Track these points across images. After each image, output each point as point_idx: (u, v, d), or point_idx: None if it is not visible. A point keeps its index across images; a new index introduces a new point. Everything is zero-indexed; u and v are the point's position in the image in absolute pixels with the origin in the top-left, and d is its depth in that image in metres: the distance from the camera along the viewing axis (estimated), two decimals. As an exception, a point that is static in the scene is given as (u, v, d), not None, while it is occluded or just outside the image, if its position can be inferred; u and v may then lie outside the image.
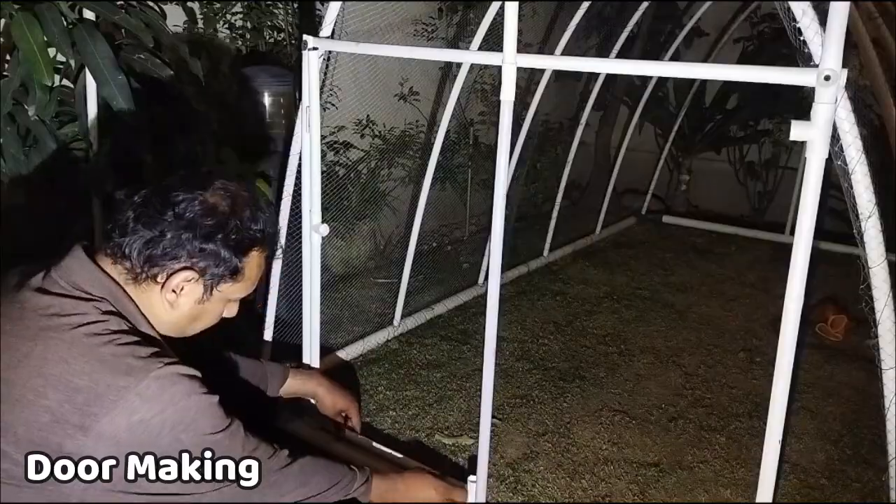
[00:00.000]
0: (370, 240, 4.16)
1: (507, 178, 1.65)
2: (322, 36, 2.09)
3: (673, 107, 5.46)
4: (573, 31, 3.53)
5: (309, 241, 2.17)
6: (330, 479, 1.41)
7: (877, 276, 1.54)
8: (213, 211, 1.15)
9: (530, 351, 3.19)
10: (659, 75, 4.29)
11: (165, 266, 1.14)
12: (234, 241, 1.17)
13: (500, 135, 1.58)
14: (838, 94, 1.27)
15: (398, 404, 2.70)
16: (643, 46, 4.98)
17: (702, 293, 3.94)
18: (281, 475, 1.29)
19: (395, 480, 1.67)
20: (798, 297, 1.35)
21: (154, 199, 1.13)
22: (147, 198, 1.14)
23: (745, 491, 2.27)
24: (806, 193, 1.31)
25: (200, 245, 1.14)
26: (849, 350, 3.22)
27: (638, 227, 5.22)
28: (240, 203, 1.19)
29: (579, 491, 2.26)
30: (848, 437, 2.58)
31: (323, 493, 1.39)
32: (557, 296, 3.85)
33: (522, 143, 3.78)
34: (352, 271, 3.98)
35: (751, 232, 4.95)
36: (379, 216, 4.06)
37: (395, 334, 3.26)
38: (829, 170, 1.34)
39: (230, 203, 1.18)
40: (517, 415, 2.66)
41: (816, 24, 1.34)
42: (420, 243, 3.37)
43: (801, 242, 1.33)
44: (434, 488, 1.73)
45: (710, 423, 2.66)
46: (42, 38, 1.91)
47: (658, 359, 3.15)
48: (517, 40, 1.57)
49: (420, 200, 3.15)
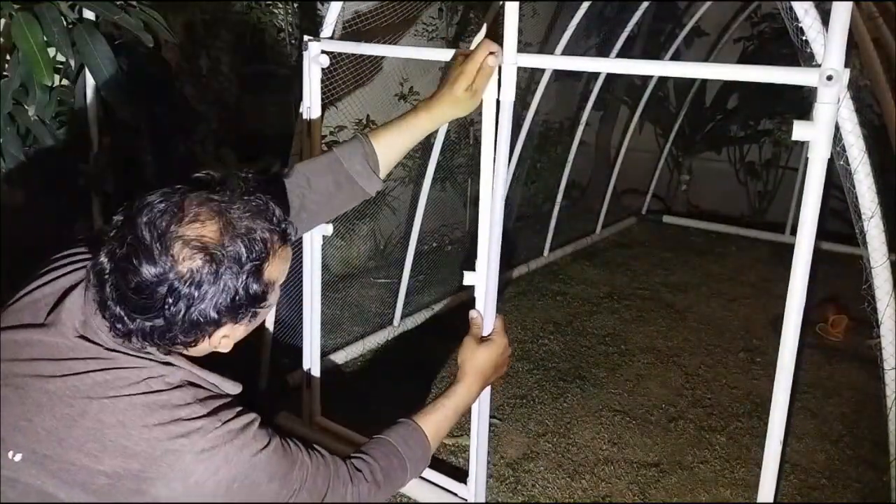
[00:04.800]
0: (370, 240, 4.15)
1: (506, 177, 1.65)
2: (323, 36, 2.09)
3: (673, 107, 5.46)
4: (573, 31, 3.53)
5: (310, 242, 2.17)
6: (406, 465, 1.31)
7: (879, 276, 1.54)
8: (198, 281, 0.98)
9: (530, 351, 3.19)
10: (659, 75, 4.30)
11: (196, 338, 1.03)
12: (246, 279, 1.01)
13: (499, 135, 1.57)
14: (841, 94, 1.26)
15: (398, 404, 2.70)
16: (643, 46, 4.98)
17: (702, 293, 3.94)
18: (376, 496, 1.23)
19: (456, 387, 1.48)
20: (799, 297, 1.35)
21: (126, 289, 0.97)
22: (120, 288, 0.97)
23: (745, 491, 2.27)
24: (808, 194, 1.30)
25: (213, 316, 1.01)
26: (849, 350, 3.22)
27: (638, 227, 5.22)
28: (216, 253, 0.98)
29: (579, 491, 2.26)
30: (848, 437, 2.58)
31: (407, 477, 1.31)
32: (557, 296, 3.85)
33: (522, 143, 3.79)
34: (352, 271, 3.98)
35: (751, 232, 4.95)
36: (379, 216, 4.06)
37: (395, 334, 3.25)
38: (831, 170, 1.33)
39: (207, 259, 0.98)
40: (517, 415, 2.66)
41: (819, 24, 1.34)
42: (420, 243, 3.37)
43: (803, 242, 1.32)
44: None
45: (710, 423, 2.66)
46: (42, 38, 1.91)
47: (658, 359, 3.15)
48: (517, 40, 1.57)
49: (420, 200, 3.14)
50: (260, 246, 1.02)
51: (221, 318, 1.02)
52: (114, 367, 1.01)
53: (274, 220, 1.06)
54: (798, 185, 4.48)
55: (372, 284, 3.87)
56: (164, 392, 1.00)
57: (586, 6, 3.47)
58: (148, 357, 1.03)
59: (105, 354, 1.02)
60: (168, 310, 0.98)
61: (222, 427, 1.01)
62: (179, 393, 1.01)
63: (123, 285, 0.97)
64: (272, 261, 1.06)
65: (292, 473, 1.09)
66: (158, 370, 1.02)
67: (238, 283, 1.01)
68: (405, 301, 3.28)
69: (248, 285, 1.02)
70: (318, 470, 1.14)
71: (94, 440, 0.97)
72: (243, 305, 1.03)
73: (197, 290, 0.98)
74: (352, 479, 1.19)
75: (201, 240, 0.98)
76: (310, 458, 1.13)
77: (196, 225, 0.98)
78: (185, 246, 0.97)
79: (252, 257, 1.01)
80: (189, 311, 0.99)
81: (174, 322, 0.99)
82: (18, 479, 0.98)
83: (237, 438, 1.02)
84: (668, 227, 5.21)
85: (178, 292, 0.97)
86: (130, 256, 0.96)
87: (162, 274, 0.96)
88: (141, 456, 0.97)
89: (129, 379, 1.00)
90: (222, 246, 0.99)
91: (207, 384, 1.07)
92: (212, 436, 1.00)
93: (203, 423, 1.00)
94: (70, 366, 1.01)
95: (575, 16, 3.49)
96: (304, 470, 1.11)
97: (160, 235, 0.97)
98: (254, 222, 1.02)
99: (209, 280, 0.98)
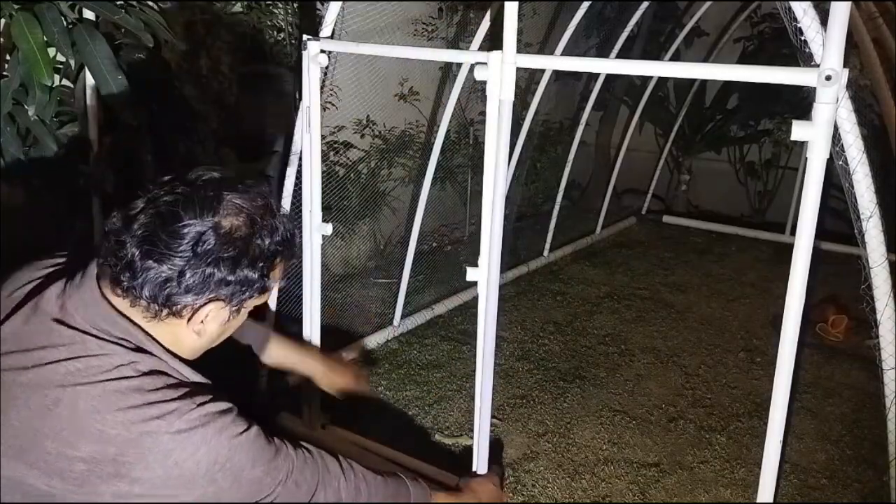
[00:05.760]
0: (370, 240, 4.15)
1: (505, 177, 1.65)
2: (322, 36, 2.09)
3: (673, 107, 5.46)
4: (573, 31, 3.53)
5: (309, 241, 2.17)
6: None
7: (878, 276, 1.54)
8: (232, 238, 1.04)
9: (530, 351, 3.19)
10: (659, 75, 4.30)
11: (189, 303, 1.05)
12: (259, 263, 1.08)
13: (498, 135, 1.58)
14: (839, 94, 1.26)
15: (398, 404, 2.70)
16: (643, 46, 4.98)
17: (702, 293, 3.94)
18: None
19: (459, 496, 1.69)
20: (799, 297, 1.35)
21: (160, 230, 1.01)
22: (151, 229, 1.01)
23: (745, 491, 2.27)
24: (807, 193, 1.30)
25: (226, 277, 1.05)
26: (849, 350, 3.22)
27: (638, 227, 5.22)
28: (256, 219, 1.07)
29: (579, 491, 2.26)
30: (848, 437, 2.58)
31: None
32: (557, 296, 3.85)
33: (522, 143, 3.79)
34: (352, 271, 3.98)
35: (751, 232, 4.95)
36: (379, 216, 4.06)
37: (395, 334, 3.25)
38: (830, 170, 1.34)
39: (247, 222, 1.06)
40: (517, 415, 2.66)
41: (817, 24, 1.34)
42: (420, 243, 3.37)
43: (803, 242, 1.32)
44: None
45: (710, 423, 2.66)
46: (42, 38, 1.91)
47: (658, 359, 3.15)
48: (517, 40, 1.57)
49: (420, 200, 3.14)
50: (279, 239, 1.10)
51: (226, 284, 1.05)
52: (85, 354, 1.02)
53: (291, 234, 1.15)
54: (798, 185, 4.48)
55: (372, 284, 3.87)
56: (135, 378, 1.02)
57: (586, 6, 3.47)
58: (119, 343, 1.04)
59: (77, 338, 1.03)
60: (191, 251, 1.01)
61: (198, 409, 1.02)
62: (150, 379, 1.03)
63: (158, 226, 1.01)
64: (279, 264, 1.13)
65: (277, 461, 1.10)
66: (129, 357, 1.03)
67: (257, 260, 1.07)
68: (405, 301, 3.28)
69: (260, 272, 1.08)
70: (305, 463, 1.15)
71: (70, 428, 0.98)
72: (249, 284, 1.07)
73: (225, 247, 1.04)
74: (344, 473, 1.21)
75: (248, 209, 1.07)
76: (295, 452, 1.15)
77: (247, 196, 1.08)
78: (234, 207, 1.06)
79: (275, 245, 1.09)
80: (208, 261, 1.02)
81: (186, 269, 1.02)
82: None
83: (215, 421, 1.03)
84: (668, 227, 5.21)
85: (209, 241, 1.02)
86: (178, 202, 1.03)
87: (204, 222, 1.02)
88: (117, 440, 0.98)
89: (101, 367, 1.01)
90: (263, 216, 1.08)
91: (178, 374, 1.08)
92: (187, 417, 1.01)
93: (178, 404, 1.01)
94: (41, 355, 1.02)
95: (575, 16, 3.49)
96: (289, 461, 1.12)
97: (215, 193, 1.05)
98: (283, 224, 1.13)
99: (239, 246, 1.05)
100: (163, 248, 1.01)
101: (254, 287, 1.09)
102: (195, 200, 1.03)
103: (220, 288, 1.05)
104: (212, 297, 1.06)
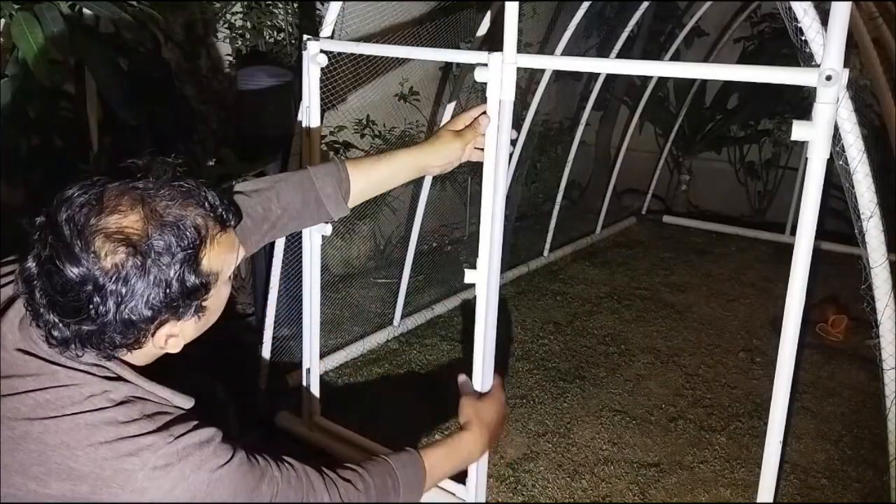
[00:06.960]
0: (370, 240, 4.15)
1: (505, 177, 1.65)
2: (322, 36, 2.09)
3: (673, 107, 5.46)
4: (573, 31, 3.53)
5: (309, 241, 2.17)
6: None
7: (878, 276, 1.54)
8: (124, 277, 0.91)
9: (530, 351, 3.19)
10: (659, 75, 4.30)
11: (135, 337, 0.96)
12: (180, 270, 0.94)
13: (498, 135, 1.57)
14: (840, 94, 1.26)
15: (398, 405, 2.70)
16: (643, 46, 4.98)
17: (702, 293, 3.94)
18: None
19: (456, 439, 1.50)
20: (799, 297, 1.35)
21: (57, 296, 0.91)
22: (50, 295, 0.91)
23: (745, 491, 2.27)
24: (807, 193, 1.30)
25: (154, 303, 0.93)
26: (849, 350, 3.22)
27: (638, 227, 5.22)
28: (153, 224, 0.92)
29: (579, 491, 2.26)
30: (848, 437, 2.58)
31: None
32: (557, 296, 3.85)
33: (522, 143, 3.79)
34: (352, 271, 3.98)
35: (751, 232, 4.95)
36: (379, 216, 4.06)
37: (395, 334, 3.25)
38: (830, 170, 1.34)
39: (129, 251, 0.90)
40: (517, 415, 2.66)
41: (818, 24, 1.34)
42: (420, 243, 3.37)
43: (803, 242, 1.32)
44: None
45: (710, 423, 2.66)
46: (42, 38, 1.91)
47: (658, 359, 3.15)
48: (517, 40, 1.57)
49: (420, 200, 3.14)
50: (192, 233, 0.95)
51: (157, 314, 0.95)
52: (54, 385, 0.94)
53: (207, 205, 0.98)
54: (798, 185, 4.48)
55: (372, 284, 3.87)
56: (109, 409, 0.94)
57: (586, 6, 3.47)
58: (89, 372, 0.96)
59: (45, 369, 0.95)
60: (98, 310, 0.91)
61: (175, 442, 0.95)
62: (125, 409, 0.95)
63: (50, 289, 0.91)
64: (210, 249, 0.98)
65: (260, 488, 1.02)
66: (101, 386, 0.96)
67: (171, 276, 0.93)
68: (405, 301, 3.28)
69: (184, 277, 0.95)
70: (289, 484, 1.06)
71: (39, 463, 0.92)
72: (180, 299, 0.96)
73: (125, 287, 0.91)
74: (328, 489, 1.12)
75: (124, 231, 0.91)
76: (279, 472, 1.05)
77: (116, 216, 0.92)
78: (108, 240, 0.90)
79: (184, 246, 0.94)
80: (120, 309, 0.92)
81: (106, 323, 0.92)
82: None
83: (193, 455, 0.96)
84: (668, 227, 5.21)
85: (105, 290, 0.90)
86: (53, 257, 0.90)
87: (86, 272, 0.89)
88: (89, 477, 0.92)
89: (72, 398, 0.94)
90: (147, 236, 0.92)
91: (156, 398, 1.00)
92: (163, 452, 0.94)
93: (153, 439, 0.94)
94: (9, 384, 0.95)
95: (575, 16, 3.49)
96: (273, 485, 1.04)
97: (80, 231, 0.90)
98: (184, 209, 0.95)
99: (136, 274, 0.91)
100: (68, 308, 0.91)
101: (193, 290, 0.97)
102: (62, 248, 0.90)
103: (154, 318, 0.95)
104: (157, 324, 0.96)
